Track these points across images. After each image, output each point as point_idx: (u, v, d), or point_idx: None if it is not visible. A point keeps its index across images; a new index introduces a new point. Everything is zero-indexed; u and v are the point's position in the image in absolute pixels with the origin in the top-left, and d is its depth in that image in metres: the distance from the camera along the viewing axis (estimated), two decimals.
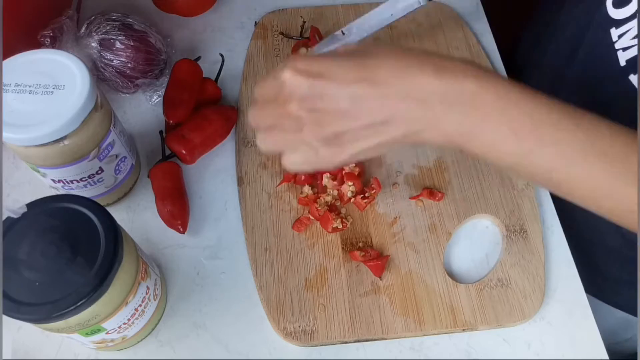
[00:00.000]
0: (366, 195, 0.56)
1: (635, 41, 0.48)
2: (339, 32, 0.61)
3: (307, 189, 0.57)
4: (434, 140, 0.38)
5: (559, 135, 0.36)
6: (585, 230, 0.61)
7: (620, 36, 0.50)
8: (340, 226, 0.54)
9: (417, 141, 0.38)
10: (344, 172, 0.57)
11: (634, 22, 0.48)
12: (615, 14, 0.50)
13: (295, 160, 0.40)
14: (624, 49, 0.49)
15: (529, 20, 0.73)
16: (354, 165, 0.57)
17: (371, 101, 0.37)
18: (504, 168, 0.40)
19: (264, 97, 0.40)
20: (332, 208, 0.56)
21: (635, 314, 0.64)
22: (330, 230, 0.54)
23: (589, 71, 0.56)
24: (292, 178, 0.58)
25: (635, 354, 0.73)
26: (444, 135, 0.38)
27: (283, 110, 0.38)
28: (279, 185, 0.58)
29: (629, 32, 0.49)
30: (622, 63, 0.50)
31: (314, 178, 0.58)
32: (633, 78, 0.49)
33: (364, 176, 0.58)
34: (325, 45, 0.61)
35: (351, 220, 0.56)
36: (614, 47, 0.50)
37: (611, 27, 0.51)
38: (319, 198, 0.56)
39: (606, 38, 0.51)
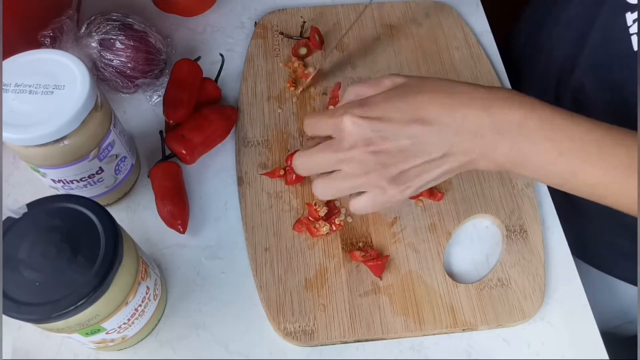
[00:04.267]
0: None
1: None
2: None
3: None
4: (487, 167, 0.42)
5: (602, 154, 0.39)
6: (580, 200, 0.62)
7: (635, 20, 0.50)
8: (327, 231, 0.54)
9: (473, 168, 0.42)
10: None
11: None
12: None
13: (365, 204, 0.43)
14: (639, 34, 0.50)
15: (530, 11, 0.73)
16: None
17: (429, 139, 0.40)
18: (551, 185, 0.43)
19: (317, 139, 0.43)
20: (331, 208, 0.56)
21: (635, 283, 0.64)
22: (324, 233, 0.55)
23: (601, 55, 0.56)
24: (293, 182, 0.58)
25: (633, 337, 0.73)
26: (495, 163, 0.41)
27: (344, 156, 0.41)
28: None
29: None
30: (635, 47, 0.50)
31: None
32: None
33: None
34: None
35: (351, 220, 0.56)
36: (628, 31, 0.51)
37: (626, 11, 0.51)
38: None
39: (620, 22, 0.52)
